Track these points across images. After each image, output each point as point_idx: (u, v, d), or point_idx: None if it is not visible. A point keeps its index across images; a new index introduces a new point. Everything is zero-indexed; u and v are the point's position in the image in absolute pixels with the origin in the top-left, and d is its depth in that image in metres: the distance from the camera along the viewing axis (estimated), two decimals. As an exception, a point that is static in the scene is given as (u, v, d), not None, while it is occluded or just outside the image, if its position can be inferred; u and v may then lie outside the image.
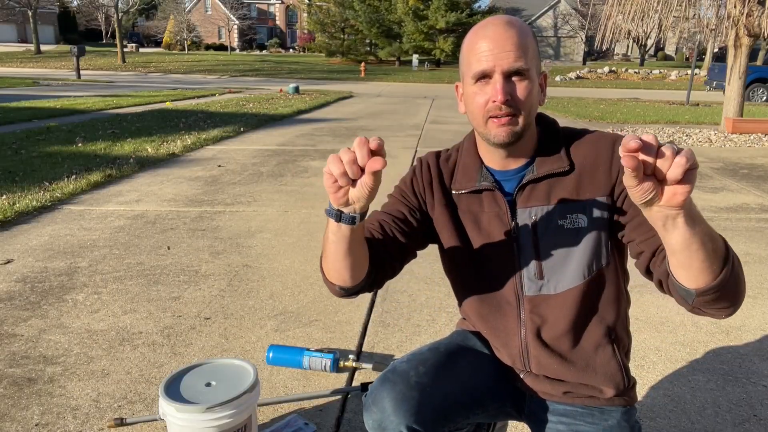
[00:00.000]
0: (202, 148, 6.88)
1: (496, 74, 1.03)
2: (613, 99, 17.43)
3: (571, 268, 1.12)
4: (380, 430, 1.09)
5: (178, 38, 58.02)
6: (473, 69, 1.06)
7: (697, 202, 3.00)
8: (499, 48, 1.03)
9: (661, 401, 1.88)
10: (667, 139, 8.34)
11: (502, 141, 1.07)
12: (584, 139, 1.14)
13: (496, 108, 1.04)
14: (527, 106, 1.05)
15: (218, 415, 1.39)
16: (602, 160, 1.10)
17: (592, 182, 1.10)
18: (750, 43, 8.76)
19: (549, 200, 1.12)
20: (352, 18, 40.09)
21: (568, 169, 1.11)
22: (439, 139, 8.03)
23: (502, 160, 1.14)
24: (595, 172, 1.10)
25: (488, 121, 1.07)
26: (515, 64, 1.03)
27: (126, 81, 21.60)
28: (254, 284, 2.83)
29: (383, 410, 1.08)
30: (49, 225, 3.75)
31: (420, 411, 1.08)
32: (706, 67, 28.42)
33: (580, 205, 1.10)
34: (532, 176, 1.12)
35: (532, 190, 1.12)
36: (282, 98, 14.37)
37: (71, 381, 1.96)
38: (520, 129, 1.06)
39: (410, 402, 1.08)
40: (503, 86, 1.03)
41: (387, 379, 1.13)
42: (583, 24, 44.57)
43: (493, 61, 1.03)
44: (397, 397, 1.09)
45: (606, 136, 1.13)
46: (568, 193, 1.11)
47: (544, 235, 1.12)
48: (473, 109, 1.09)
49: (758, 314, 2.56)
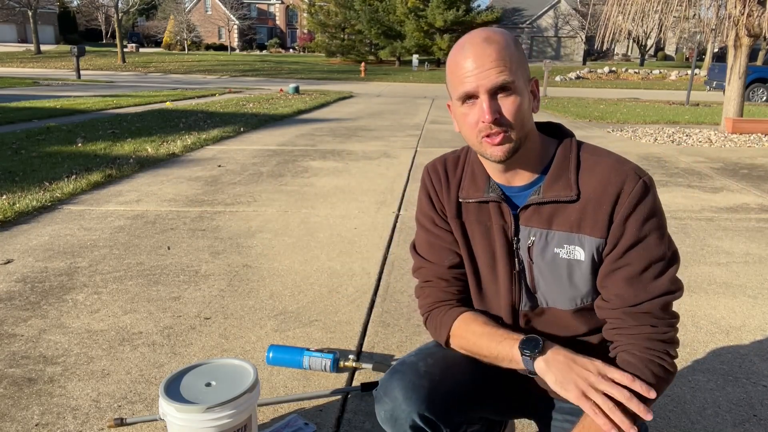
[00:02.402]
0: (202, 148, 6.88)
1: (481, 94, 1.03)
2: (613, 99, 17.43)
3: (563, 295, 1.14)
4: (392, 420, 1.10)
5: (178, 38, 58.02)
6: (458, 91, 1.05)
7: (697, 202, 3.00)
8: (480, 67, 1.02)
9: (661, 401, 1.88)
10: (667, 140, 8.35)
11: (500, 159, 1.07)
12: (598, 167, 1.09)
13: (486, 128, 1.04)
14: (518, 120, 1.04)
15: (218, 415, 1.39)
16: (607, 199, 1.07)
17: (595, 219, 1.08)
18: (750, 43, 8.76)
19: (550, 225, 1.11)
20: (352, 19, 40.09)
21: (574, 199, 1.09)
22: (440, 139, 8.03)
23: (504, 174, 1.14)
24: (598, 208, 1.07)
25: (482, 141, 1.07)
26: (498, 80, 1.01)
27: (126, 81, 21.60)
28: (254, 284, 2.83)
29: (394, 399, 1.10)
30: (49, 225, 3.75)
31: (431, 398, 1.09)
32: (706, 67, 28.42)
33: (579, 239, 1.09)
34: (537, 198, 1.11)
35: (535, 211, 1.12)
36: (282, 98, 14.37)
37: (71, 381, 1.95)
38: (516, 144, 1.06)
39: (421, 390, 1.09)
40: (489, 105, 1.02)
41: (396, 370, 1.14)
42: (583, 24, 44.56)
43: (475, 81, 1.02)
44: (407, 386, 1.10)
45: (618, 171, 1.08)
46: (570, 223, 1.09)
47: (539, 258, 1.13)
48: (465, 131, 1.09)
49: (758, 314, 2.56)
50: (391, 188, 4.85)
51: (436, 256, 1.23)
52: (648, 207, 1.06)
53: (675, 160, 6.71)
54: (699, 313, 2.56)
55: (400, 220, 3.97)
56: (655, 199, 1.07)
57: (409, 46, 38.56)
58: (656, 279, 1.06)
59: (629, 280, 1.06)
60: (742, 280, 2.96)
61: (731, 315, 2.56)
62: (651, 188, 1.07)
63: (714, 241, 3.57)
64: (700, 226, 3.89)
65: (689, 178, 5.62)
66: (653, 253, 1.05)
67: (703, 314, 2.56)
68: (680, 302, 2.67)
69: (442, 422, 1.10)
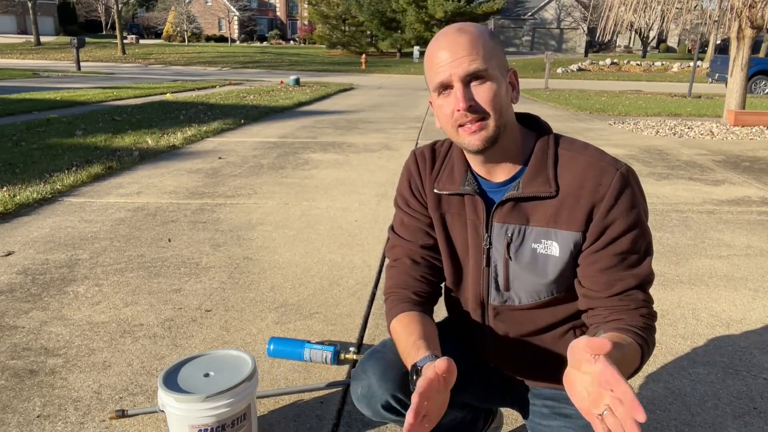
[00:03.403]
0: (203, 140, 6.87)
1: (455, 82, 1.03)
2: (615, 91, 17.37)
3: (537, 288, 1.14)
4: (368, 397, 1.14)
5: (179, 30, 57.85)
6: (434, 82, 1.06)
7: (698, 195, 2.99)
8: (452, 56, 1.02)
9: (661, 393, 1.88)
10: (669, 132, 8.32)
11: (477, 148, 1.06)
12: (576, 162, 1.09)
13: (461, 116, 1.04)
14: (495, 107, 1.03)
15: (217, 404, 1.39)
16: (585, 193, 1.06)
17: (572, 214, 1.07)
18: (753, 35, 8.72)
19: (528, 221, 1.11)
20: (354, 9, 39.85)
21: (553, 195, 1.08)
22: (441, 132, 7.99)
23: (485, 166, 1.13)
24: (576, 203, 1.07)
25: (459, 131, 1.06)
26: (470, 67, 1.01)
27: (126, 72, 21.55)
28: (255, 277, 2.83)
29: (369, 379, 1.14)
30: (49, 217, 3.75)
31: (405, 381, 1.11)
32: (708, 59, 28.31)
33: (555, 234, 1.09)
34: (515, 194, 1.10)
35: (513, 207, 1.11)
36: (283, 90, 14.33)
37: (72, 373, 1.96)
38: (493, 132, 1.05)
39: (395, 370, 1.13)
40: (463, 93, 1.02)
41: (375, 350, 1.21)
42: (586, 15, 44.37)
43: (449, 69, 1.03)
44: (383, 368, 1.14)
45: (594, 166, 1.08)
46: (547, 219, 1.09)
47: (516, 255, 1.13)
48: (443, 122, 1.09)
49: (759, 307, 2.56)
50: (392, 181, 4.84)
51: (410, 235, 1.24)
52: (629, 198, 1.06)
53: (677, 152, 6.69)
54: (699, 306, 2.56)
55: (401, 213, 3.96)
56: (634, 190, 1.07)
57: (408, 38, 38.35)
58: (639, 266, 1.07)
59: (615, 270, 1.06)
60: (743, 273, 2.95)
61: (732, 308, 2.55)
62: (629, 178, 1.07)
63: (715, 234, 3.57)
64: (701, 219, 3.89)
65: (691, 170, 5.61)
66: (638, 244, 1.07)
67: (704, 307, 2.56)
68: (681, 295, 2.68)
69: None
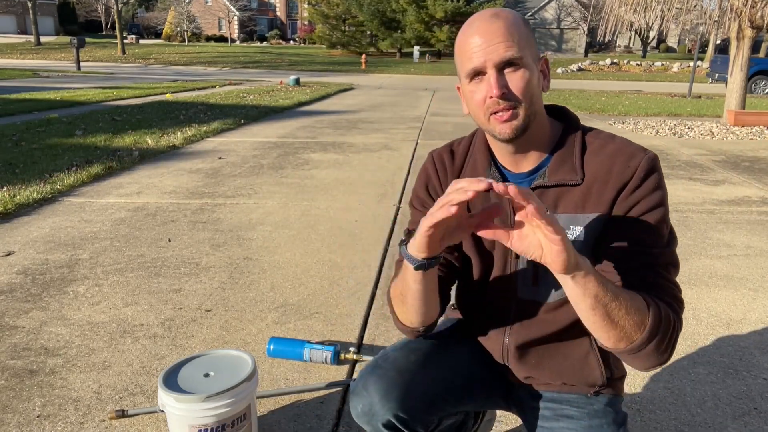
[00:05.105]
0: (203, 140, 6.87)
1: (489, 69, 1.01)
2: (615, 91, 17.37)
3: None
4: (369, 415, 1.12)
5: (179, 30, 57.84)
6: (466, 68, 1.04)
7: (698, 195, 2.98)
8: (487, 42, 1.01)
9: (661, 394, 1.88)
10: (669, 132, 8.32)
11: (508, 137, 1.05)
12: (604, 149, 1.09)
13: (494, 103, 1.02)
14: (527, 96, 1.03)
15: (217, 404, 1.39)
16: (613, 177, 1.06)
17: (599, 197, 1.07)
18: (753, 35, 8.72)
19: (555, 210, 1.10)
20: (355, 9, 39.83)
21: (579, 182, 1.08)
22: (441, 132, 8.01)
23: (513, 156, 1.12)
24: (603, 187, 1.07)
25: (490, 118, 1.05)
26: (505, 54, 1.00)
27: (126, 72, 21.55)
28: (255, 277, 2.83)
29: (371, 397, 1.11)
30: (49, 217, 3.75)
31: (407, 400, 1.10)
32: (708, 59, 28.30)
33: (583, 218, 1.08)
34: (541, 182, 1.09)
35: (540, 196, 1.09)
36: (283, 90, 14.33)
37: (72, 373, 1.96)
38: (524, 121, 1.04)
39: (398, 390, 1.11)
40: (497, 80, 1.01)
41: (377, 366, 1.16)
42: (586, 15, 44.36)
43: (483, 56, 1.01)
44: (385, 385, 1.11)
45: (623, 152, 1.08)
46: (574, 206, 1.08)
47: None
48: (474, 108, 1.07)
49: (759, 307, 2.56)
50: (392, 181, 4.84)
51: None
52: (655, 181, 1.06)
53: (677, 152, 6.69)
54: (700, 306, 2.56)
55: (401, 213, 3.96)
56: (660, 176, 1.07)
57: (408, 37, 38.35)
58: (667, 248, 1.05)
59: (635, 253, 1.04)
60: (743, 273, 2.95)
61: (732, 308, 2.55)
62: (657, 164, 1.07)
63: (715, 234, 3.57)
64: (701, 219, 3.89)
65: (691, 170, 5.61)
66: (660, 226, 1.05)
67: (704, 307, 2.56)
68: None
69: (418, 423, 1.12)
